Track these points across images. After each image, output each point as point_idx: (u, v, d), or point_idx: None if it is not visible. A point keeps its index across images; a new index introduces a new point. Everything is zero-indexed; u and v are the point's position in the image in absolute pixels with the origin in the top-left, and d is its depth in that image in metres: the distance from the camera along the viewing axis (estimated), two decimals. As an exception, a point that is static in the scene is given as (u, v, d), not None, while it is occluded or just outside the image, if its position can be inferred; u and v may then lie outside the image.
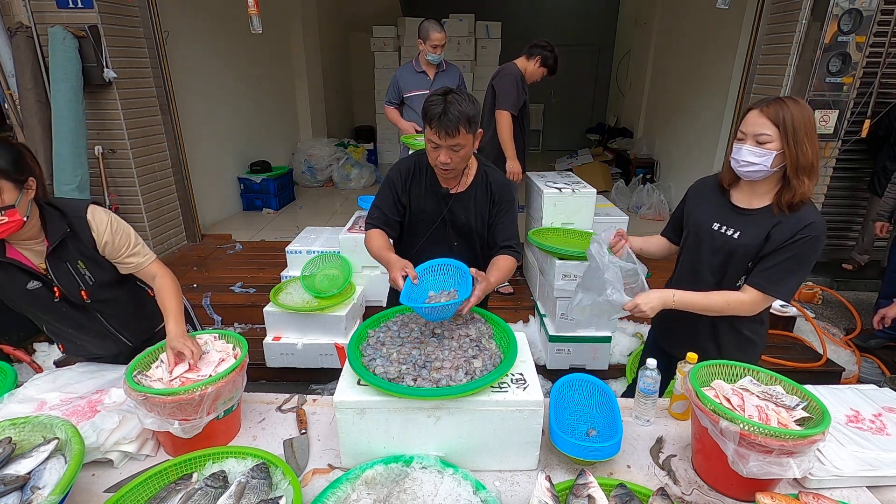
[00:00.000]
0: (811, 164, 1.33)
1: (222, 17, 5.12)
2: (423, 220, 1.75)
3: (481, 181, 1.74)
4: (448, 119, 1.47)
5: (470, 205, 1.73)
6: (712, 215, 1.55)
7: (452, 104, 1.48)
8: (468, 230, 1.76)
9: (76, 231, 1.45)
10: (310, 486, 1.23)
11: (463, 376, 1.25)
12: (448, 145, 1.51)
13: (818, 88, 3.43)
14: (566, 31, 9.16)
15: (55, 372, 1.55)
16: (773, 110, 1.33)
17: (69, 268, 1.46)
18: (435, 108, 1.49)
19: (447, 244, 1.78)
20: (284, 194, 6.05)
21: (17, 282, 1.43)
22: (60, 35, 3.18)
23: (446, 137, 1.49)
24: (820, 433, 1.06)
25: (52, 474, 1.08)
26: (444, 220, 1.74)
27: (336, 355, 2.86)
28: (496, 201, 1.74)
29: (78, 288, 1.48)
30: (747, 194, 1.48)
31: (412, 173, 1.72)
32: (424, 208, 1.73)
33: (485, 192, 1.74)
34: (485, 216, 1.75)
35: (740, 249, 1.46)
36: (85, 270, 1.48)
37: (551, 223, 3.20)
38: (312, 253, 3.12)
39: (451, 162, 1.55)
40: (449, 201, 1.72)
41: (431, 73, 3.63)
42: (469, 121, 1.50)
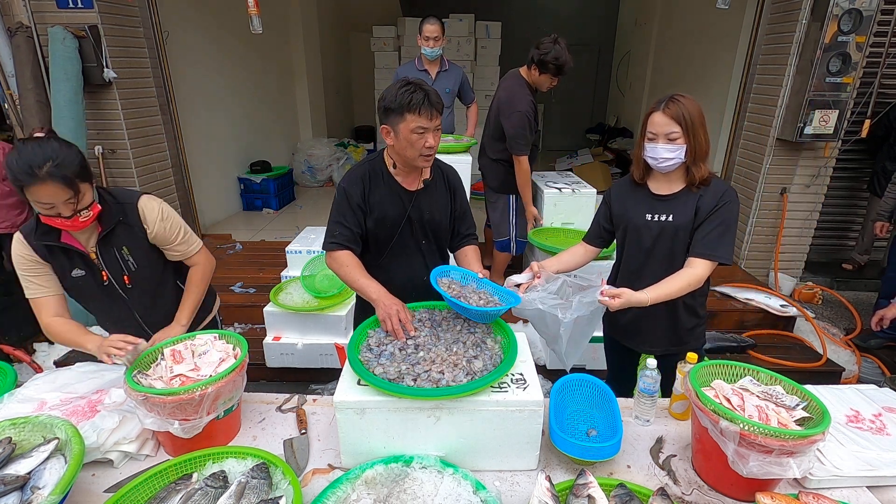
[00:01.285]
0: (706, 150, 1.58)
1: (222, 18, 5.12)
2: (387, 224, 1.69)
3: (438, 174, 1.76)
4: (436, 98, 1.51)
5: (434, 199, 1.73)
6: (641, 209, 1.68)
7: (425, 86, 1.51)
8: (435, 226, 1.75)
9: (127, 219, 1.55)
10: (310, 486, 1.23)
11: (463, 377, 1.25)
12: (434, 126, 1.54)
13: (818, 88, 3.43)
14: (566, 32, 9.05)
15: (55, 372, 1.55)
16: (674, 110, 1.55)
17: (115, 253, 1.55)
18: (417, 95, 1.49)
19: (415, 245, 1.75)
20: (284, 194, 6.05)
21: (66, 268, 1.52)
22: (60, 35, 3.18)
23: (437, 116, 1.53)
24: (820, 433, 1.06)
25: (52, 474, 1.08)
26: (410, 220, 1.70)
27: (336, 355, 2.86)
28: (455, 192, 1.78)
29: (122, 273, 1.57)
30: (664, 183, 1.65)
31: (368, 180, 1.65)
32: (387, 213, 1.67)
33: (444, 185, 1.76)
34: (447, 209, 1.77)
35: (679, 230, 1.61)
36: (129, 256, 1.57)
37: (551, 223, 3.21)
38: (312, 253, 3.12)
39: (436, 143, 1.57)
40: (412, 199, 1.69)
41: (433, 72, 3.63)
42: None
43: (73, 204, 1.36)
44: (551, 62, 2.85)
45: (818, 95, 3.44)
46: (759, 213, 3.95)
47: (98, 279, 1.55)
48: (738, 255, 4.17)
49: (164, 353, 1.39)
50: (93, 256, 1.53)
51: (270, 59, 6.18)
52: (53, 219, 1.37)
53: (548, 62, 2.85)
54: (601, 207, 1.83)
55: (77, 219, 1.39)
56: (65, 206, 1.35)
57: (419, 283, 1.66)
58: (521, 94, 2.94)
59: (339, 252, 1.62)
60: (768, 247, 4.05)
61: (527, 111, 2.91)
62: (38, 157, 1.29)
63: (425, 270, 1.61)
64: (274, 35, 6.13)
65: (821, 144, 3.69)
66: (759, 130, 3.89)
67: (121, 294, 1.60)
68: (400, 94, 1.50)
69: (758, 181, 3.88)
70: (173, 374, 1.32)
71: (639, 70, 7.57)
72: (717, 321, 3.45)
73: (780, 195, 3.88)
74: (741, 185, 4.12)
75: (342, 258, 1.61)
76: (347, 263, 1.60)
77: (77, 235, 1.50)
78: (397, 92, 1.50)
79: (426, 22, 3.42)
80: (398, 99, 1.50)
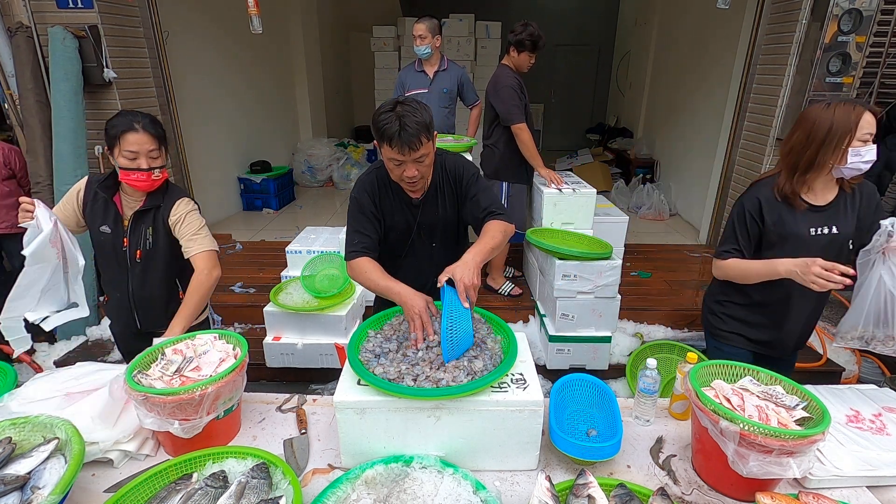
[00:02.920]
0: None
1: (222, 17, 5.12)
2: (395, 233, 1.70)
3: (440, 174, 1.69)
4: (408, 134, 1.41)
5: (439, 203, 1.70)
6: (803, 222, 1.59)
7: (406, 116, 1.41)
8: (442, 227, 1.72)
9: (164, 207, 1.78)
10: (310, 486, 1.23)
11: (464, 377, 1.25)
12: (413, 159, 1.47)
13: (818, 88, 3.43)
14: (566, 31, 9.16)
15: (55, 372, 1.55)
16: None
17: (142, 229, 1.78)
18: (390, 127, 1.41)
19: (425, 250, 1.74)
20: (284, 194, 6.05)
21: (97, 221, 1.76)
22: (60, 35, 3.18)
23: (410, 152, 1.44)
24: (820, 433, 1.06)
25: (52, 474, 1.08)
26: (419, 227, 1.69)
27: (336, 355, 2.86)
28: (459, 182, 1.69)
29: (138, 247, 1.79)
30: (821, 192, 1.59)
31: (378, 188, 1.65)
32: (396, 222, 1.68)
33: (448, 183, 1.69)
34: (454, 202, 1.71)
35: (844, 239, 1.59)
36: (150, 235, 1.79)
37: (551, 223, 3.21)
38: (312, 253, 3.12)
39: (419, 173, 1.51)
40: (419, 208, 1.67)
41: (431, 73, 3.63)
42: (427, 128, 1.46)
43: (153, 159, 1.64)
44: (527, 39, 3.09)
45: (818, 95, 3.44)
46: (759, 213, 3.95)
47: (118, 243, 1.78)
48: (738, 255, 4.16)
49: (164, 352, 1.40)
50: (126, 223, 1.77)
51: (270, 60, 6.18)
52: (130, 173, 1.63)
53: (523, 40, 3.09)
54: (743, 221, 1.66)
55: (150, 174, 1.65)
56: (146, 158, 1.63)
57: (429, 286, 1.62)
58: (505, 74, 3.13)
59: (358, 259, 1.60)
60: (768, 247, 4.04)
61: (512, 85, 3.08)
62: (139, 115, 1.65)
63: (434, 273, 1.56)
64: (274, 35, 6.13)
65: (821, 144, 3.69)
66: (759, 130, 3.89)
67: (128, 263, 1.81)
68: (379, 119, 1.44)
69: (758, 181, 3.87)
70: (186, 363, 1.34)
71: (639, 70, 7.56)
72: (717, 321, 3.45)
73: (780, 195, 3.87)
74: (741, 185, 4.12)
75: (362, 265, 1.58)
76: (367, 269, 1.56)
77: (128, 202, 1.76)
78: (378, 116, 1.45)
79: (415, 21, 3.49)
80: (376, 124, 1.45)
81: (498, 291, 3.59)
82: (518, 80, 3.14)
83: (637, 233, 5.06)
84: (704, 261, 4.29)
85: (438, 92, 3.68)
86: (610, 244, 2.91)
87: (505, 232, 1.59)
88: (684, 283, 3.83)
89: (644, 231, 5.25)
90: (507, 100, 3.07)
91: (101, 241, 1.80)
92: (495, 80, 3.17)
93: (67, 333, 3.29)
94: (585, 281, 2.82)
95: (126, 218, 1.77)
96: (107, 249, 1.81)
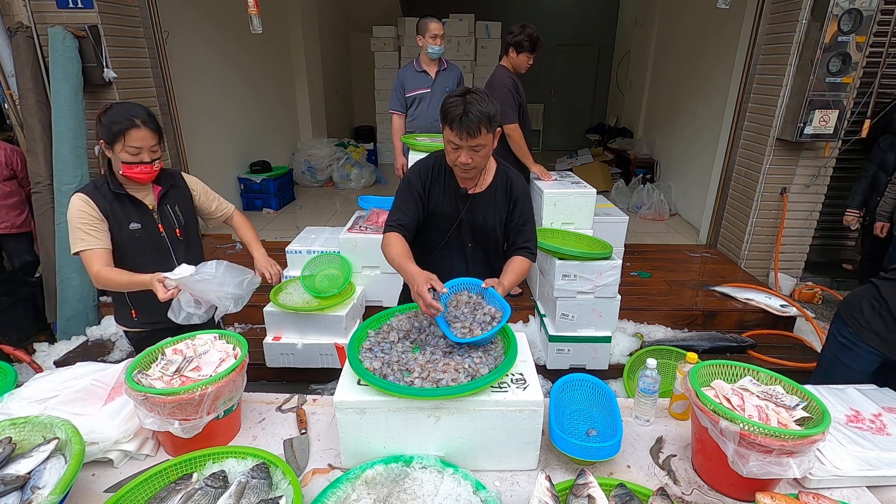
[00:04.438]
0: None
1: (222, 17, 5.12)
2: (439, 221, 1.74)
3: (501, 182, 1.72)
4: (469, 119, 1.47)
5: (489, 205, 1.71)
6: None
7: (472, 104, 1.47)
8: (485, 232, 1.74)
9: (177, 183, 1.87)
10: (310, 486, 1.23)
11: (464, 377, 1.25)
12: (469, 146, 1.52)
13: (818, 88, 3.43)
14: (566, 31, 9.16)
15: (55, 372, 1.55)
16: None
17: (170, 209, 1.83)
18: (455, 109, 1.48)
19: (461, 247, 1.76)
20: (284, 194, 6.05)
21: (123, 222, 1.73)
22: (60, 35, 3.18)
23: (468, 138, 1.49)
24: (820, 433, 1.06)
25: (52, 474, 1.08)
26: (462, 222, 1.72)
27: (336, 355, 2.86)
28: (516, 203, 1.72)
29: (174, 226, 1.84)
30: None
31: (432, 174, 1.70)
32: (442, 209, 1.72)
33: (504, 194, 1.72)
34: (503, 217, 1.73)
35: None
36: (179, 213, 1.86)
37: (551, 223, 3.21)
38: (312, 253, 3.12)
39: (472, 162, 1.55)
40: (468, 202, 1.70)
41: (432, 72, 3.63)
42: (490, 120, 1.50)
43: (154, 152, 1.66)
44: (525, 40, 3.12)
45: (818, 95, 3.44)
46: (759, 213, 3.95)
47: (154, 232, 1.79)
48: (738, 255, 4.17)
49: (164, 352, 1.40)
50: (151, 208, 1.78)
51: (270, 59, 6.18)
52: (133, 167, 1.64)
53: (522, 41, 3.12)
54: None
55: (152, 166, 1.67)
56: (148, 152, 1.65)
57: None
58: (502, 75, 3.17)
59: (390, 234, 1.67)
60: (768, 247, 4.05)
61: (507, 85, 3.11)
62: (136, 109, 1.64)
63: (466, 274, 1.62)
64: (274, 35, 6.13)
65: (821, 144, 3.69)
66: (759, 130, 3.89)
67: (169, 246, 1.83)
68: (447, 102, 1.52)
69: (758, 181, 3.88)
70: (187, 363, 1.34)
71: (639, 70, 7.56)
72: (717, 321, 3.45)
73: (780, 195, 3.88)
74: (741, 185, 4.12)
75: (391, 238, 1.65)
76: (393, 244, 1.63)
77: (138, 195, 1.76)
78: (447, 100, 1.52)
79: (430, 20, 3.43)
80: (444, 106, 1.53)
81: (498, 291, 3.58)
82: (514, 81, 3.16)
83: (637, 233, 5.06)
84: (704, 261, 4.30)
85: (441, 92, 3.68)
86: (610, 244, 2.91)
87: (528, 270, 1.73)
88: (684, 283, 3.83)
89: (644, 231, 5.25)
90: (501, 100, 3.09)
91: (130, 241, 1.76)
92: (491, 79, 3.21)
93: (67, 333, 3.29)
94: (585, 281, 2.82)
95: (151, 205, 1.79)
96: (142, 245, 1.78)
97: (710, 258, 4.35)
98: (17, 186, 3.40)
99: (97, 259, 1.67)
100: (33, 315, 3.39)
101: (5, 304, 3.19)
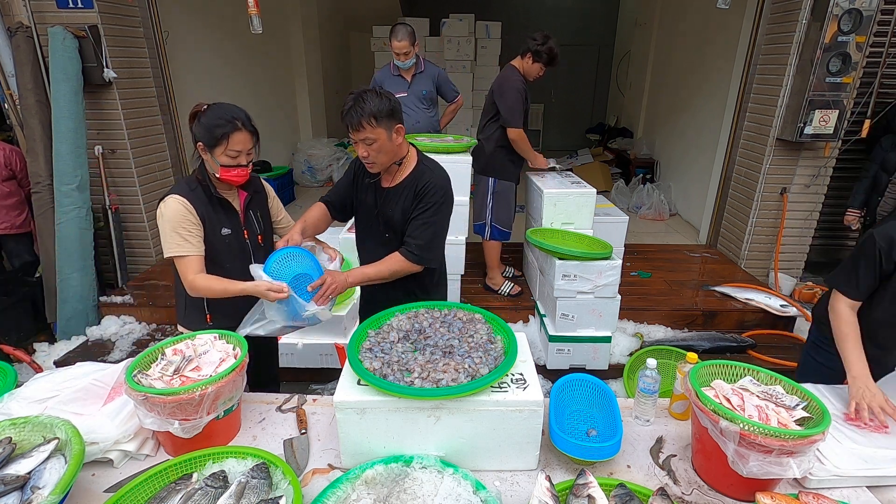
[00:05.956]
0: None
1: (222, 17, 5.12)
2: (362, 211, 1.89)
3: (412, 179, 1.78)
4: (350, 116, 1.59)
5: (397, 200, 1.78)
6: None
7: (358, 101, 1.58)
8: (394, 223, 1.81)
9: (258, 189, 1.87)
10: (310, 486, 1.23)
11: (464, 377, 1.25)
12: (360, 139, 1.63)
13: (818, 88, 3.43)
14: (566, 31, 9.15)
15: (55, 372, 1.55)
16: None
17: (253, 215, 1.82)
18: (345, 105, 1.60)
19: (380, 237, 1.86)
20: (284, 194, 6.04)
21: (216, 226, 1.71)
22: (60, 35, 3.18)
23: (354, 132, 1.62)
24: (820, 433, 1.06)
25: (52, 474, 1.08)
26: (379, 214, 1.83)
27: (336, 355, 2.86)
28: (419, 200, 1.75)
29: (257, 233, 1.83)
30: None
31: (361, 166, 1.82)
32: (364, 200, 1.86)
33: (412, 190, 1.77)
34: (407, 213, 1.78)
35: None
36: (261, 219, 1.85)
37: (551, 223, 3.21)
38: (312, 253, 3.12)
39: (369, 155, 1.66)
40: (383, 194, 1.81)
41: (408, 76, 3.65)
42: (374, 116, 1.58)
43: (251, 154, 1.66)
44: (545, 52, 3.11)
45: (818, 95, 3.44)
46: (759, 213, 3.95)
47: (240, 237, 1.77)
48: (738, 255, 4.17)
49: (164, 352, 1.40)
50: (241, 214, 1.77)
51: (271, 59, 6.18)
52: (231, 170, 1.63)
53: (542, 52, 3.11)
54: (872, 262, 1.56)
55: (248, 169, 1.67)
56: (246, 155, 1.64)
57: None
58: (514, 77, 3.17)
59: (315, 204, 1.90)
60: (768, 247, 4.05)
61: (518, 88, 3.13)
62: (237, 111, 1.63)
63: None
64: (274, 35, 6.13)
65: (821, 144, 3.69)
66: (759, 130, 3.89)
67: (250, 252, 1.80)
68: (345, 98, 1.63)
69: (758, 181, 3.88)
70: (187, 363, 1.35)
71: (639, 70, 7.56)
72: (717, 321, 3.45)
73: (780, 195, 3.88)
74: (741, 185, 4.12)
75: (312, 208, 1.89)
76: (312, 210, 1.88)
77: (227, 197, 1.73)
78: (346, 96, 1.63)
79: (394, 38, 3.42)
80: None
81: (498, 291, 3.59)
82: (524, 85, 3.17)
83: (637, 233, 5.06)
84: (704, 261, 4.30)
85: (417, 94, 3.70)
86: (610, 244, 2.91)
87: (397, 271, 1.77)
88: (684, 283, 3.83)
89: (644, 231, 5.25)
90: (512, 103, 3.12)
91: (221, 247, 1.72)
92: (503, 79, 3.20)
93: (67, 333, 3.29)
94: (585, 281, 2.82)
95: (240, 210, 1.78)
96: (231, 250, 1.75)
97: (710, 258, 4.35)
98: (17, 187, 3.40)
99: (193, 266, 1.64)
100: (33, 315, 3.39)
101: (5, 304, 3.19)
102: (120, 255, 3.74)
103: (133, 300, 3.51)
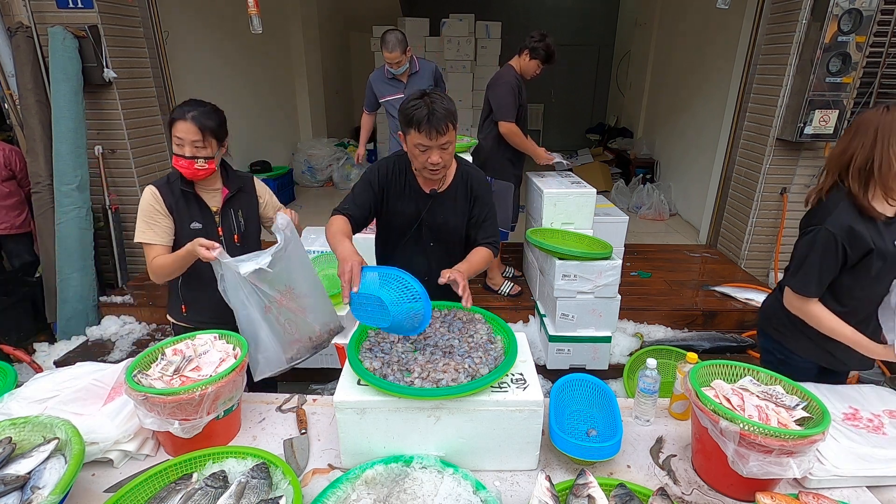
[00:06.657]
0: None
1: (222, 17, 5.12)
2: (400, 221, 1.77)
3: (461, 181, 1.75)
4: (437, 118, 1.50)
5: (450, 205, 1.74)
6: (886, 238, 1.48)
7: (435, 103, 1.51)
8: (446, 230, 1.76)
9: (246, 188, 1.86)
10: (310, 486, 1.23)
11: (464, 377, 1.25)
12: (438, 145, 1.54)
13: (818, 88, 3.43)
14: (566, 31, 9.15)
15: (55, 372, 1.55)
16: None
17: (233, 214, 1.82)
18: (419, 112, 1.50)
19: (422, 247, 1.79)
20: (284, 194, 6.05)
21: (185, 220, 1.74)
22: (60, 35, 3.18)
23: (437, 136, 1.52)
24: (820, 433, 1.06)
25: (52, 474, 1.08)
26: (422, 223, 1.75)
27: (336, 355, 2.86)
28: (476, 200, 1.75)
29: (233, 232, 1.82)
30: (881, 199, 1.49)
31: (390, 174, 1.73)
32: (402, 209, 1.74)
33: (465, 192, 1.75)
34: (465, 215, 1.76)
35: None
36: (241, 219, 1.84)
37: (551, 223, 3.21)
38: (312, 253, 3.12)
39: (442, 161, 1.58)
40: (429, 202, 1.73)
41: (404, 78, 3.64)
42: (453, 116, 1.55)
43: (197, 148, 1.65)
44: (542, 49, 3.12)
45: (818, 95, 3.44)
46: (759, 213, 3.95)
47: (213, 234, 1.77)
48: (738, 255, 4.17)
49: (164, 352, 1.40)
50: (214, 210, 1.78)
51: (270, 59, 6.18)
52: (178, 158, 1.66)
53: (539, 48, 3.12)
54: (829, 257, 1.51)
55: (193, 163, 1.66)
56: (190, 147, 1.65)
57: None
58: (508, 73, 3.18)
59: (335, 216, 1.70)
60: (768, 247, 4.05)
61: (511, 83, 3.12)
62: (197, 105, 1.68)
63: (427, 272, 1.62)
64: (274, 35, 6.13)
65: (821, 144, 3.69)
66: (759, 130, 3.89)
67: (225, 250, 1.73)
68: (408, 107, 1.53)
69: (758, 181, 3.88)
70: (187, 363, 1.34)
71: (639, 70, 7.56)
72: (717, 321, 3.45)
73: (780, 195, 3.88)
74: (741, 185, 4.12)
75: (334, 220, 1.68)
76: (334, 224, 1.65)
77: (205, 195, 1.77)
78: (407, 104, 1.54)
79: (385, 49, 3.38)
80: (406, 111, 1.54)
81: (498, 291, 3.59)
82: (518, 81, 3.17)
83: (637, 233, 5.06)
84: (704, 261, 4.30)
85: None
86: (610, 244, 2.91)
87: (490, 262, 1.75)
88: (684, 283, 3.83)
89: (644, 231, 5.25)
90: (503, 96, 3.12)
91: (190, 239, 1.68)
92: (497, 76, 3.23)
93: (67, 333, 3.29)
94: (585, 281, 2.82)
95: (214, 207, 1.79)
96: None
97: (710, 258, 4.35)
98: (17, 187, 3.40)
99: (154, 253, 1.71)
100: (33, 315, 3.39)
101: (5, 304, 3.19)
102: (120, 255, 3.74)
103: (133, 300, 3.51)
